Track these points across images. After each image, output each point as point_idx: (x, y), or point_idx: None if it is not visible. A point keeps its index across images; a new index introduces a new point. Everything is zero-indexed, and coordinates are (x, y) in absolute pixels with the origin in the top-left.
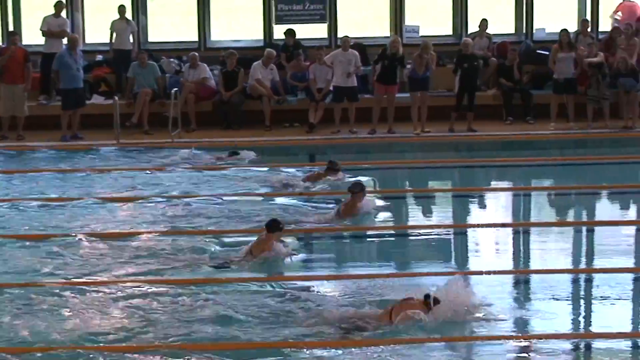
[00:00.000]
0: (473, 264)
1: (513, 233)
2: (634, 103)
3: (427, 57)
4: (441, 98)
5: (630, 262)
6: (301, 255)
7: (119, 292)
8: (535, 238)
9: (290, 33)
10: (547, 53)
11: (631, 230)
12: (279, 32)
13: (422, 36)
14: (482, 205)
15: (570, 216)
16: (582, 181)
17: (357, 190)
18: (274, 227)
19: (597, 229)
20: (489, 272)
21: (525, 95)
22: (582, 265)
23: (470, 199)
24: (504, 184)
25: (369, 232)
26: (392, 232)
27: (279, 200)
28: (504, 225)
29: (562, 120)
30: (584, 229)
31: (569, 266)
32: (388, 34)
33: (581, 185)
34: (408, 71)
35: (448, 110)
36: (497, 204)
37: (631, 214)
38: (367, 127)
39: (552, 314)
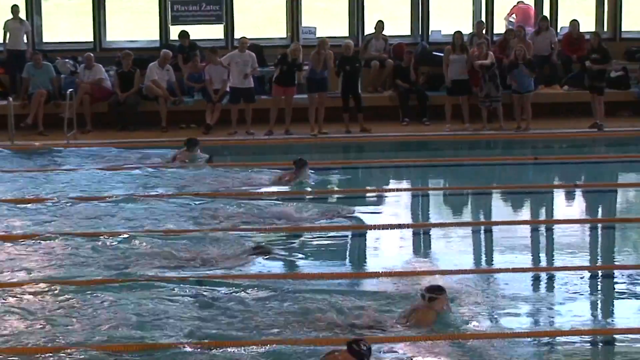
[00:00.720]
0: (370, 265)
1: (411, 234)
2: (527, 104)
3: (325, 52)
4: (338, 99)
5: (527, 261)
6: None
7: (112, 292)
8: (432, 238)
9: (184, 35)
10: (442, 55)
11: (525, 229)
12: (175, 32)
13: (318, 37)
14: (379, 206)
15: (466, 216)
16: (476, 182)
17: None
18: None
19: (492, 228)
20: (387, 274)
21: (421, 96)
22: (480, 265)
23: (367, 200)
24: (401, 185)
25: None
26: (287, 233)
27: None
28: (400, 226)
29: (458, 121)
30: (481, 228)
31: (466, 266)
32: (285, 36)
33: (475, 185)
34: (306, 72)
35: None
36: (394, 204)
37: (524, 214)
38: (264, 129)
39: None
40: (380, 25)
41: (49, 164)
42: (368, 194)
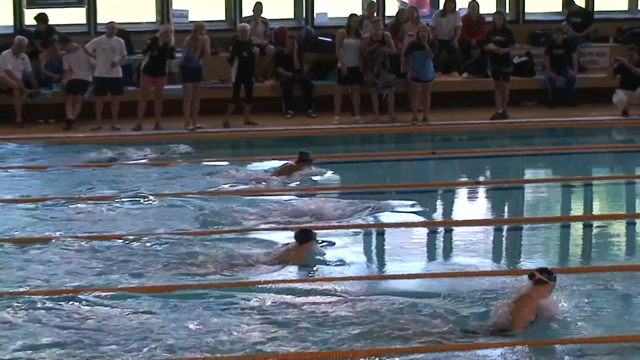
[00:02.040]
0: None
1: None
2: (427, 94)
3: (202, 38)
4: (215, 90)
5: (420, 266)
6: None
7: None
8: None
9: (41, 18)
10: (329, 40)
11: (421, 231)
12: (30, 16)
13: (191, 21)
14: (262, 207)
15: (356, 217)
16: (368, 179)
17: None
18: (303, 238)
19: (385, 230)
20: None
21: (306, 86)
22: (372, 271)
23: (249, 200)
24: (286, 184)
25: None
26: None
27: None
28: (285, 229)
29: (348, 113)
30: (372, 230)
31: (359, 272)
32: (154, 20)
33: (367, 184)
34: (180, 60)
35: (222, 103)
36: (280, 205)
37: (421, 214)
38: (132, 123)
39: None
40: (258, 7)
41: None
42: (249, 196)
